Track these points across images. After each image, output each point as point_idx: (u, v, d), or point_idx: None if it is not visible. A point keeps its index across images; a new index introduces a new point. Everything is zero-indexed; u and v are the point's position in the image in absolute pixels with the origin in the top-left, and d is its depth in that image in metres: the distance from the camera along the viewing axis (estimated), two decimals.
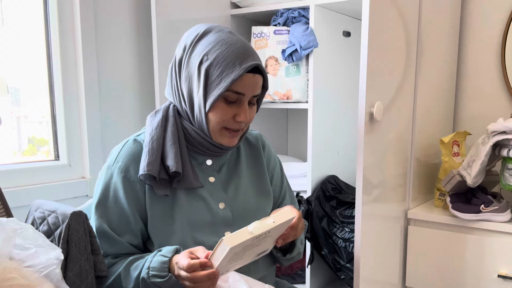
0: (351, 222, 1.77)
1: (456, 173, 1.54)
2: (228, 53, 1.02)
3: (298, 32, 1.78)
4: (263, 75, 1.08)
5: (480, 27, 1.90)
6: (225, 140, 1.09)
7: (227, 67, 1.02)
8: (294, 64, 1.85)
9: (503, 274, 1.47)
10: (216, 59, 1.02)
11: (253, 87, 1.06)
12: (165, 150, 1.07)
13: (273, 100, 1.91)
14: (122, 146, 1.13)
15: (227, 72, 1.02)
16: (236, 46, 1.03)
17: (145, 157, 1.06)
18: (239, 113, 1.06)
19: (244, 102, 1.07)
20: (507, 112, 1.83)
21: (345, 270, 1.76)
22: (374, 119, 1.34)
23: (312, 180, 1.86)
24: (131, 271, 1.03)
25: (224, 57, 1.02)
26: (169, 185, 1.08)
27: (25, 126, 1.79)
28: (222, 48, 1.03)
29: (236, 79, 1.01)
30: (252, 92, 1.07)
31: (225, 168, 1.18)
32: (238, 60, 1.02)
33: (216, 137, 1.09)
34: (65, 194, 1.67)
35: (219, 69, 1.02)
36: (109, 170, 1.10)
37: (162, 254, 1.01)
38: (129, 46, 1.87)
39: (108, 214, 1.08)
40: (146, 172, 1.04)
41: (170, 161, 1.05)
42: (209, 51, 1.03)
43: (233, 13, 2.02)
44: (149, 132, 1.09)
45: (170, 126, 1.09)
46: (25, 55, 1.71)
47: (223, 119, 1.06)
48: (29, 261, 0.84)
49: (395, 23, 1.47)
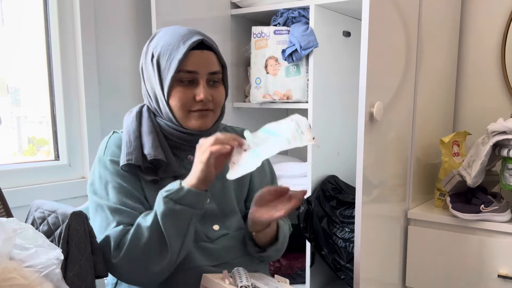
0: (351, 222, 1.77)
1: (456, 173, 1.54)
2: (172, 38, 1.07)
3: (298, 32, 1.78)
4: (214, 52, 1.09)
5: (480, 27, 1.90)
6: (193, 123, 1.10)
7: (173, 50, 1.05)
8: (294, 64, 1.85)
9: (503, 274, 1.47)
10: (163, 48, 1.07)
11: (204, 63, 1.07)
12: (143, 140, 1.09)
13: (273, 100, 1.91)
14: (108, 138, 1.16)
15: (174, 55, 1.05)
16: (179, 30, 1.09)
17: (124, 148, 1.08)
18: (198, 93, 1.07)
19: (201, 81, 1.07)
20: (507, 112, 1.83)
21: (345, 270, 1.76)
22: (374, 119, 1.34)
23: (312, 180, 1.86)
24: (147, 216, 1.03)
25: (169, 42, 1.06)
26: (155, 172, 1.09)
27: (25, 126, 1.79)
28: (166, 37, 1.08)
29: (182, 58, 1.04)
30: (205, 68, 1.07)
31: None
32: (181, 41, 1.05)
33: (185, 122, 1.10)
34: (65, 194, 1.67)
35: (166, 55, 1.06)
36: (101, 161, 1.11)
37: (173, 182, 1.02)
38: (129, 46, 1.87)
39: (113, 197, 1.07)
40: (127, 162, 1.06)
41: (148, 149, 1.07)
42: (156, 44, 1.09)
43: (233, 13, 2.02)
44: (125, 127, 1.13)
45: (145, 120, 1.12)
46: (25, 55, 1.71)
47: (183, 102, 1.07)
48: (29, 261, 0.84)
49: (395, 23, 1.47)
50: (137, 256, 1.02)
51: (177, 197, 0.99)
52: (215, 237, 1.14)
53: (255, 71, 1.92)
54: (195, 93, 1.07)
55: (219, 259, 1.12)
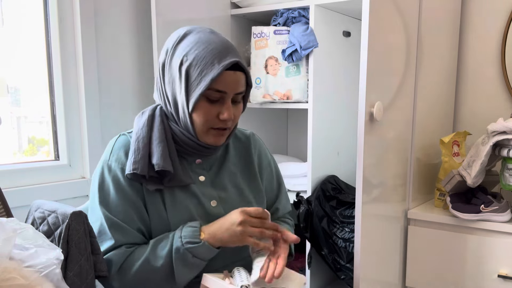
0: (351, 222, 1.77)
1: (456, 173, 1.54)
2: (207, 52, 1.03)
3: (298, 32, 1.78)
4: (245, 72, 1.08)
5: (480, 27, 1.90)
6: (211, 139, 1.10)
7: (206, 66, 1.02)
8: (294, 64, 1.85)
9: (503, 274, 1.47)
10: (195, 59, 1.03)
11: (234, 84, 1.06)
12: (152, 148, 1.08)
13: (273, 100, 1.91)
14: (114, 141, 1.14)
15: (206, 71, 1.02)
16: (215, 44, 1.04)
17: (131, 155, 1.07)
18: (222, 112, 1.06)
19: (227, 100, 1.06)
20: (507, 112, 1.83)
21: (345, 270, 1.76)
22: (374, 119, 1.34)
23: (312, 180, 1.86)
24: (159, 250, 1.05)
25: (203, 56, 1.02)
26: (160, 181, 1.09)
27: (25, 126, 1.79)
28: (200, 47, 1.03)
29: (216, 77, 1.01)
30: (234, 89, 1.06)
31: (215, 167, 1.19)
32: (216, 58, 1.02)
33: (202, 137, 1.09)
34: (65, 194, 1.67)
35: (198, 68, 1.02)
36: (105, 165, 1.11)
37: (190, 226, 1.06)
38: (129, 46, 1.87)
39: (114, 205, 1.08)
40: (132, 171, 1.05)
41: (157, 160, 1.06)
42: (188, 52, 1.04)
43: (233, 13, 2.02)
44: (135, 131, 1.10)
45: (157, 126, 1.10)
46: (25, 55, 1.71)
47: (207, 119, 1.06)
48: (29, 261, 0.84)
49: (395, 23, 1.47)
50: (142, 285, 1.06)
51: (196, 252, 1.03)
52: None
53: (255, 71, 1.92)
54: (220, 111, 1.06)
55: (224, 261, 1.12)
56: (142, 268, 1.05)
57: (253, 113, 2.14)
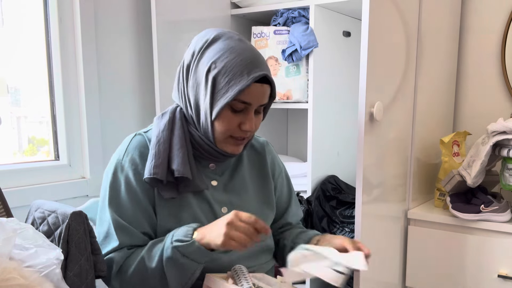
0: (351, 222, 1.77)
1: (456, 173, 1.54)
2: (237, 62, 1.01)
3: (298, 32, 1.78)
4: (271, 85, 1.07)
5: (480, 27, 1.90)
6: (229, 148, 1.09)
7: (235, 76, 1.00)
8: (294, 64, 1.85)
9: (503, 274, 1.47)
10: (224, 68, 1.01)
11: (260, 97, 1.05)
12: (172, 153, 1.06)
13: None
14: (129, 140, 1.13)
15: (234, 82, 1.00)
16: (244, 55, 1.02)
17: (151, 159, 1.06)
18: (244, 122, 1.06)
19: (250, 112, 1.06)
20: (507, 112, 1.83)
21: None
22: (374, 119, 1.34)
23: (312, 180, 1.86)
24: (154, 251, 1.03)
25: (232, 66, 1.01)
26: (175, 188, 1.08)
27: (25, 126, 1.79)
28: (230, 56, 1.01)
29: (244, 89, 1.00)
30: (259, 101, 1.06)
31: (227, 172, 1.18)
32: (246, 69, 1.01)
33: (221, 144, 1.09)
34: (65, 194, 1.67)
35: (226, 78, 1.01)
36: (119, 163, 1.10)
37: (186, 226, 1.03)
38: (129, 46, 1.87)
39: (122, 206, 1.08)
40: (152, 175, 1.04)
41: (177, 165, 1.05)
42: (217, 59, 1.02)
43: (233, 13, 2.02)
44: (156, 134, 1.09)
45: (177, 130, 1.08)
46: (25, 55, 1.71)
47: (228, 128, 1.05)
48: (29, 261, 0.84)
49: (395, 23, 1.47)
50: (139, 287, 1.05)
51: (186, 251, 0.99)
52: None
53: None
54: (242, 121, 1.06)
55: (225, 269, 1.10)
56: (138, 268, 1.04)
57: None
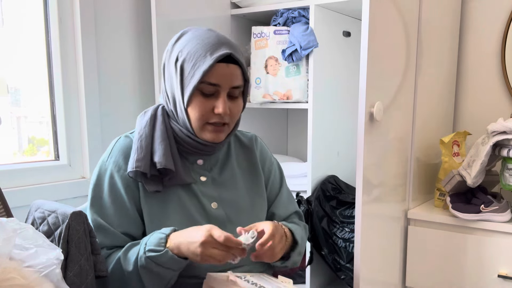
0: (351, 222, 1.77)
1: (456, 173, 1.54)
2: (200, 46, 1.03)
3: (298, 32, 1.78)
4: (240, 65, 1.07)
5: (480, 27, 1.90)
6: (208, 135, 1.09)
7: (199, 59, 1.02)
8: (294, 64, 1.85)
9: (503, 274, 1.47)
10: (188, 54, 1.04)
11: (228, 77, 1.05)
12: (154, 147, 1.08)
13: (273, 100, 1.91)
14: (115, 142, 1.14)
15: (199, 64, 1.02)
16: (208, 39, 1.04)
17: (134, 154, 1.07)
18: (217, 106, 1.05)
19: (221, 94, 1.06)
20: (507, 112, 1.83)
21: (345, 270, 1.76)
22: (374, 119, 1.34)
23: (312, 180, 1.86)
24: (130, 255, 1.03)
25: (196, 50, 1.03)
26: (160, 181, 1.08)
27: (25, 126, 1.79)
28: (194, 43, 1.05)
29: (208, 69, 1.01)
30: (228, 83, 1.05)
31: (216, 168, 1.18)
32: (209, 50, 1.02)
33: (200, 133, 1.09)
34: (65, 194, 1.67)
35: (191, 62, 1.03)
36: (103, 165, 1.11)
37: (160, 232, 1.02)
38: (129, 46, 1.87)
39: (104, 207, 1.08)
40: (135, 168, 1.05)
41: (159, 158, 1.06)
42: (183, 48, 1.05)
43: (233, 13, 2.02)
44: (138, 130, 1.11)
45: (159, 125, 1.10)
46: (25, 55, 1.71)
47: (202, 113, 1.06)
48: (29, 261, 0.84)
49: (395, 23, 1.47)
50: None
51: (159, 261, 0.98)
52: None
53: (255, 71, 1.93)
54: (215, 105, 1.06)
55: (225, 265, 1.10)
56: (116, 268, 1.04)
57: (253, 113, 2.14)
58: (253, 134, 1.30)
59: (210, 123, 1.07)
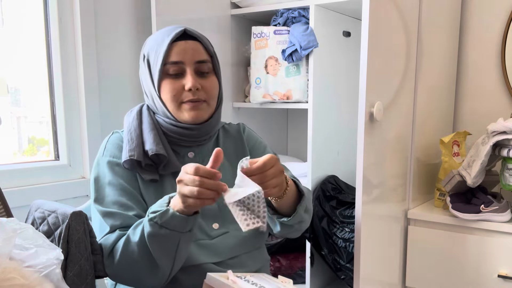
0: (351, 222, 1.77)
1: (456, 173, 1.54)
2: (158, 35, 1.11)
3: (298, 32, 1.78)
4: (200, 41, 1.11)
5: (480, 27, 1.90)
6: (186, 114, 1.10)
7: (159, 46, 1.09)
8: (294, 64, 1.85)
9: (503, 274, 1.47)
10: (151, 46, 1.11)
11: (189, 52, 1.09)
12: (144, 137, 1.11)
13: (273, 100, 1.91)
14: (107, 139, 1.17)
15: (159, 50, 1.08)
16: (166, 28, 1.12)
17: (126, 146, 1.10)
18: (186, 82, 1.08)
19: (188, 70, 1.09)
20: (507, 112, 1.83)
21: (345, 270, 1.76)
22: (374, 119, 1.34)
23: (312, 180, 1.86)
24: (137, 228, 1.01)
25: (156, 40, 1.11)
26: (155, 170, 1.10)
27: (25, 126, 1.79)
28: (155, 37, 1.13)
29: (167, 50, 1.06)
30: (190, 57, 1.09)
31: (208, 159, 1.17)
32: (166, 35, 1.09)
33: (178, 114, 1.11)
34: (65, 194, 1.67)
35: (154, 52, 1.10)
36: (100, 161, 1.13)
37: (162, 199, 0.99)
38: (129, 46, 1.87)
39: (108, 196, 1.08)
40: (129, 157, 1.07)
41: (150, 145, 1.08)
42: (147, 45, 1.14)
43: (233, 13, 2.02)
44: (126, 126, 1.14)
45: (145, 118, 1.14)
46: (25, 55, 1.71)
47: (173, 93, 1.09)
48: (29, 261, 0.84)
49: (395, 23, 1.47)
50: (128, 269, 1.02)
51: (162, 221, 0.95)
52: (215, 235, 1.13)
53: (255, 71, 1.93)
54: (184, 83, 1.09)
55: (220, 256, 1.11)
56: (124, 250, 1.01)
57: (253, 113, 2.14)
58: (241, 123, 1.31)
59: (185, 102, 1.09)
